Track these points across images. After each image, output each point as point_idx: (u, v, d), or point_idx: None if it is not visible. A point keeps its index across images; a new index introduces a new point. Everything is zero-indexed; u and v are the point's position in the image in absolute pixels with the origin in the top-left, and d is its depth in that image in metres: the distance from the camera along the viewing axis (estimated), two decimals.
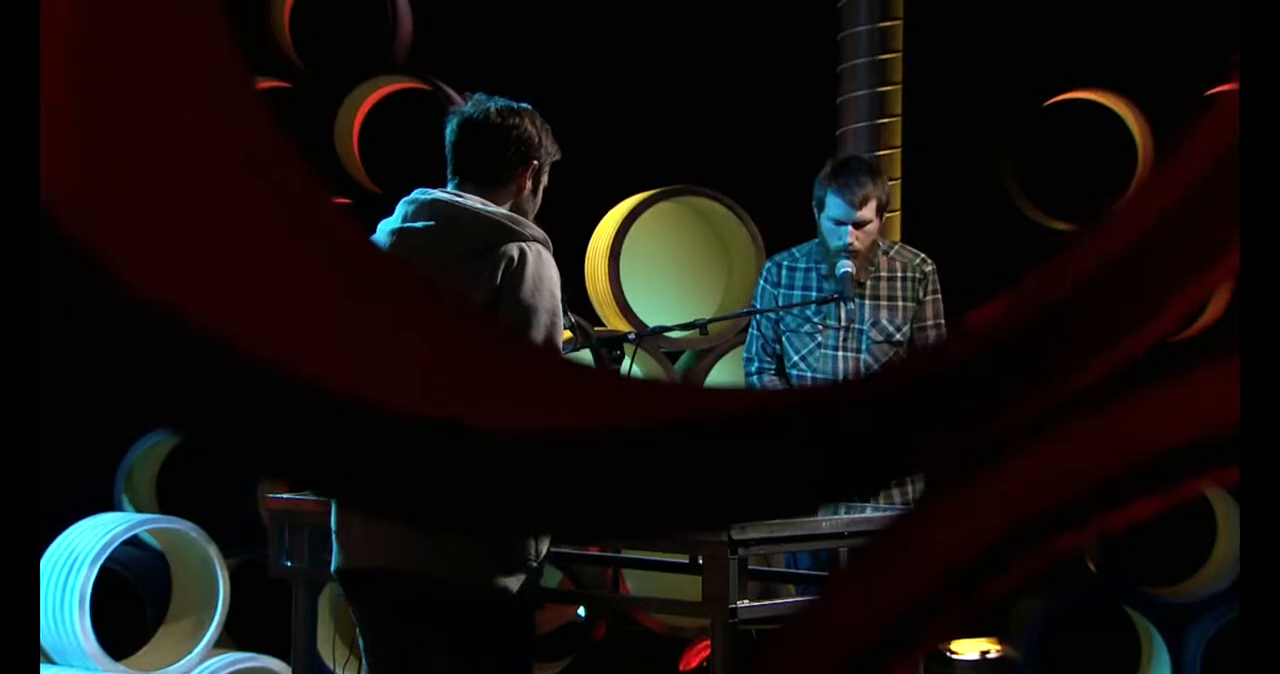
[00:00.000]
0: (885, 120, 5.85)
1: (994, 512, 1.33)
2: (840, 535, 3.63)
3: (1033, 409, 1.31)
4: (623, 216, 5.96)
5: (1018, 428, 1.32)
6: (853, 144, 5.89)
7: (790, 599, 3.69)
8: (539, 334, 3.19)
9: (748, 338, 4.80)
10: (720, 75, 6.58)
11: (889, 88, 5.85)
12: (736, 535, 3.31)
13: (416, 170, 5.91)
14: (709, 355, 6.03)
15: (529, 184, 3.38)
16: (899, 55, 5.85)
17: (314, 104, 6.11)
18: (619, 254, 5.92)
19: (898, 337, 4.61)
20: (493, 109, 3.37)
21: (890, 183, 5.74)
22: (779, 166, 6.16)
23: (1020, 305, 1.31)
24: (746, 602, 3.46)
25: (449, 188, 3.39)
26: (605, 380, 1.33)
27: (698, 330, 4.46)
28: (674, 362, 6.15)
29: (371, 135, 6.23)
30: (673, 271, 6.25)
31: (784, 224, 5.57)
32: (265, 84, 6.10)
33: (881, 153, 5.84)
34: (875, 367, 4.58)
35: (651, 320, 5.94)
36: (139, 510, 5.61)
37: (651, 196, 5.99)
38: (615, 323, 6.01)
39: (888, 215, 5.27)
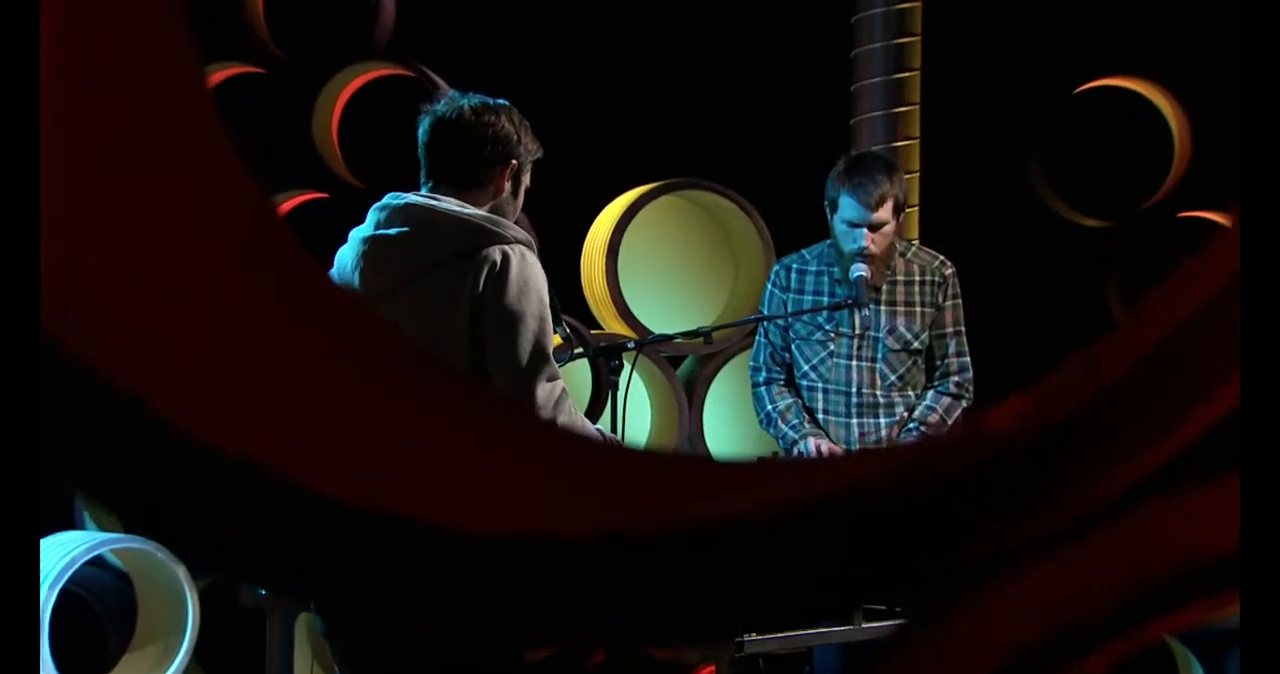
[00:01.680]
0: (902, 109, 5.82)
1: (1003, 632, 1.34)
2: None
3: (1050, 521, 1.31)
4: (621, 211, 5.92)
5: (1034, 540, 1.33)
6: (868, 134, 5.86)
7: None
8: (526, 342, 3.19)
9: (755, 345, 4.77)
10: (726, 61, 6.52)
11: (906, 74, 5.81)
12: None
13: (400, 163, 5.89)
14: (713, 360, 6.00)
15: (508, 185, 3.37)
16: (917, 39, 5.80)
17: (290, 92, 6.05)
18: (618, 252, 5.89)
19: (915, 344, 4.57)
20: (466, 107, 3.37)
21: (908, 176, 5.70)
22: (789, 158, 6.11)
23: (1042, 409, 1.31)
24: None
25: (423, 191, 3.39)
26: (597, 463, 1.31)
27: (701, 338, 4.45)
28: (676, 367, 6.12)
29: (352, 126, 6.18)
30: (675, 271, 6.22)
31: (794, 220, 5.53)
32: (239, 70, 6.05)
33: (898, 144, 5.81)
34: (891, 376, 4.55)
35: (652, 322, 5.91)
36: (102, 529, 5.57)
37: (653, 190, 5.95)
38: (613, 325, 5.98)
39: (905, 211, 5.24)
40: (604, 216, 6.07)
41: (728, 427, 6.15)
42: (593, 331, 5.87)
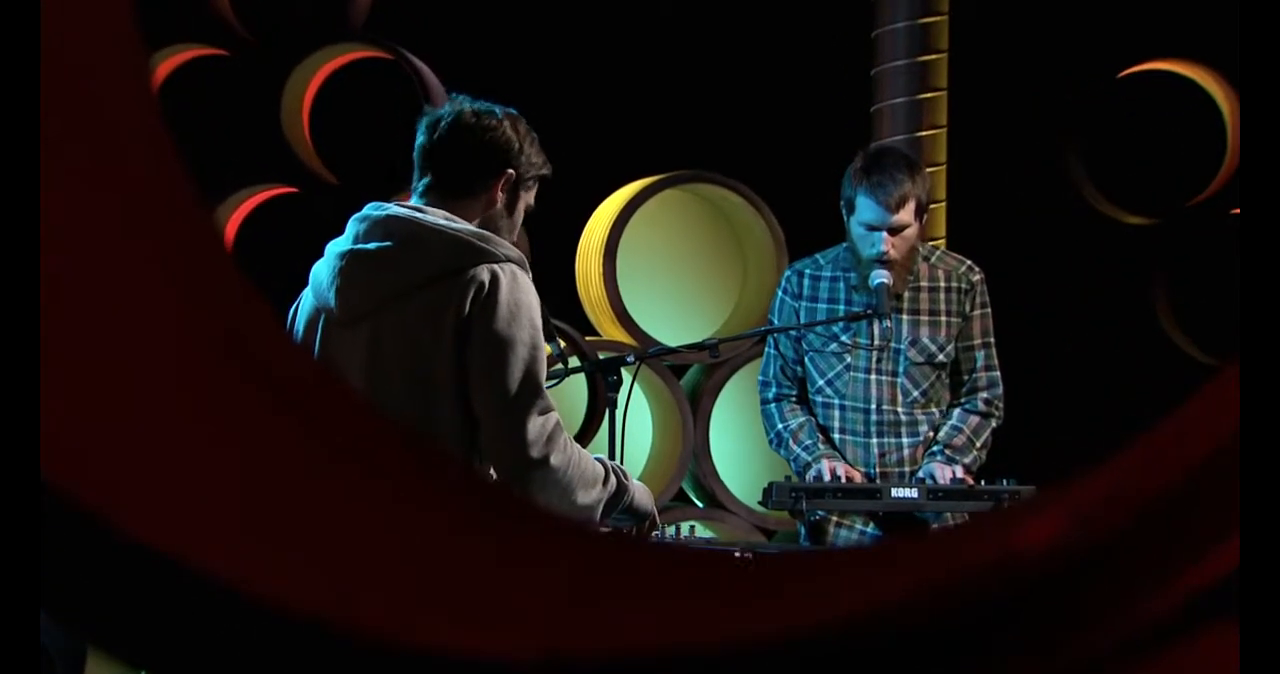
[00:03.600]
0: (928, 94, 5.80)
1: None
2: None
3: (1083, 649, 1.30)
4: (620, 207, 5.90)
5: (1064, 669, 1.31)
6: (890, 122, 5.84)
7: None
8: (516, 371, 3.17)
9: (764, 358, 4.71)
10: (734, 40, 6.49)
11: (932, 57, 5.80)
12: None
13: (378, 156, 5.86)
14: (720, 369, 5.97)
15: (502, 197, 3.34)
16: (944, 18, 5.80)
17: (258, 77, 6.01)
18: (616, 251, 5.87)
19: (940, 357, 4.53)
20: (468, 109, 3.34)
21: (933, 169, 5.68)
22: (803, 148, 6.07)
23: (1075, 530, 1.30)
24: None
25: (413, 200, 3.37)
26: (603, 576, 1.31)
27: (707, 352, 4.40)
28: (679, 376, 6.09)
29: (325, 114, 6.16)
30: (678, 272, 6.19)
31: (808, 216, 5.49)
32: (200, 52, 6.02)
33: (923, 133, 5.78)
34: (914, 392, 4.52)
35: (653, 329, 5.88)
36: None
37: (654, 183, 5.93)
38: (611, 332, 5.95)
39: (931, 207, 5.21)
40: (601, 212, 6.04)
41: (736, 442, 6.11)
42: (588, 338, 5.84)
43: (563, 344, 5.45)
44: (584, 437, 5.72)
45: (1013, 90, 6.28)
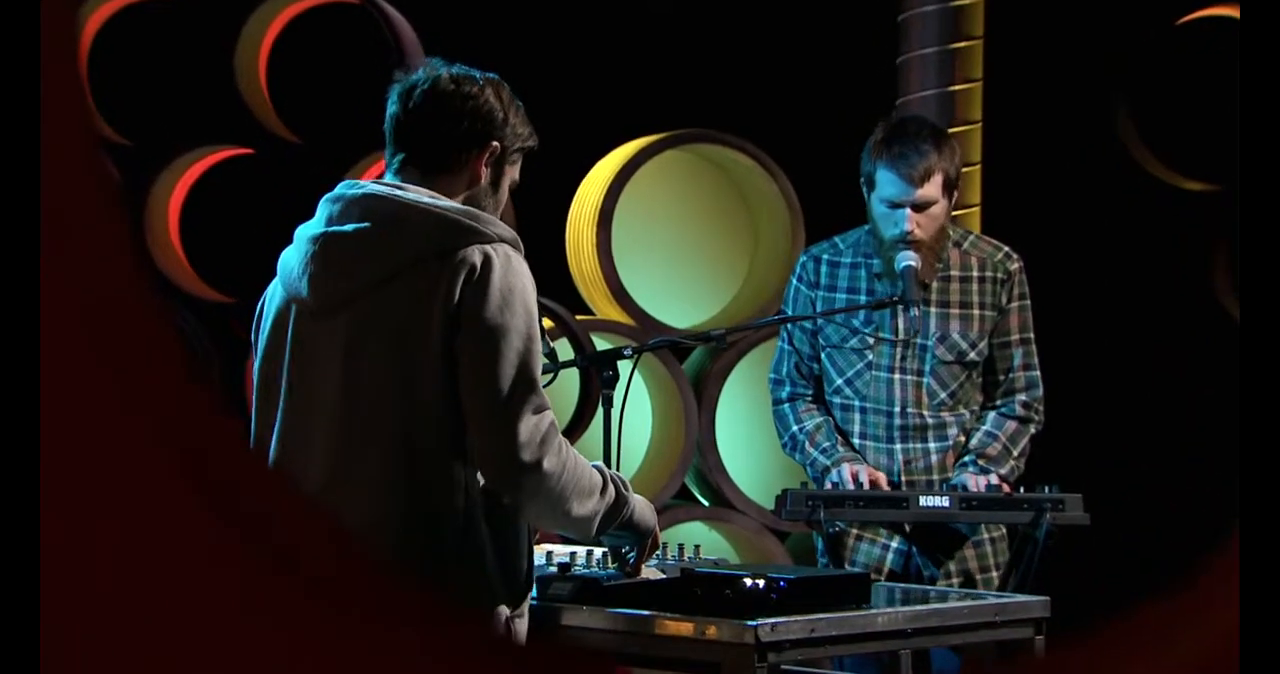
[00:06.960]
0: (961, 45, 5.80)
1: None
2: (902, 634, 3.56)
3: None
4: (617, 169, 5.90)
5: None
6: (919, 75, 5.85)
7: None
8: (509, 364, 3.16)
9: (776, 353, 4.69)
10: None
11: (967, 1, 5.78)
12: (765, 637, 3.27)
13: (343, 114, 5.85)
14: (728, 350, 5.96)
15: (486, 172, 3.36)
16: None
17: (208, 26, 6.03)
18: (611, 219, 5.86)
19: (972, 355, 4.51)
20: (445, 75, 3.35)
21: (968, 128, 5.68)
22: (822, 105, 6.07)
23: None
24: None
25: (387, 177, 3.36)
26: None
27: (713, 343, 4.37)
28: (682, 360, 6.09)
29: (283, 65, 6.15)
30: (681, 243, 6.20)
31: (826, 181, 5.49)
32: None
33: (956, 87, 5.79)
34: (941, 394, 4.49)
35: (652, 306, 5.88)
36: None
37: (654, 143, 5.93)
38: (605, 309, 5.95)
39: (965, 170, 5.20)
40: (594, 175, 6.04)
41: (745, 433, 6.11)
42: (579, 317, 5.83)
43: (549, 325, 5.44)
44: (571, 434, 5.71)
45: (1056, 39, 6.26)
